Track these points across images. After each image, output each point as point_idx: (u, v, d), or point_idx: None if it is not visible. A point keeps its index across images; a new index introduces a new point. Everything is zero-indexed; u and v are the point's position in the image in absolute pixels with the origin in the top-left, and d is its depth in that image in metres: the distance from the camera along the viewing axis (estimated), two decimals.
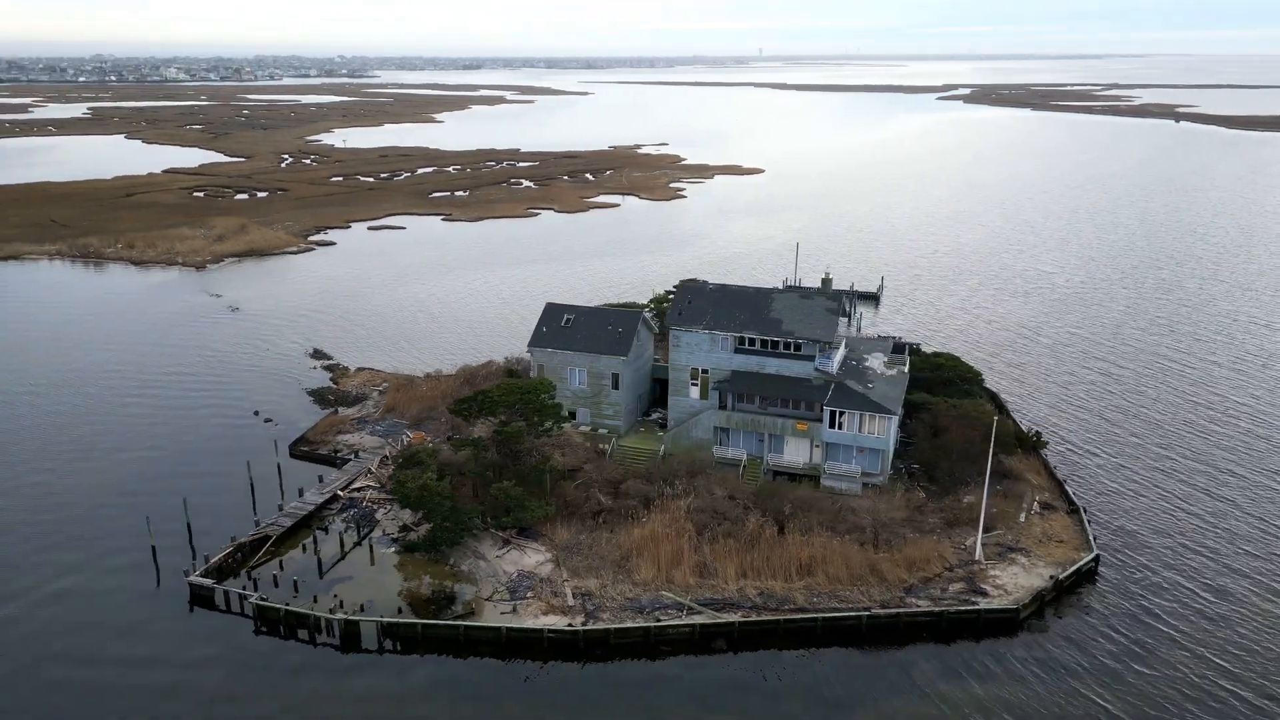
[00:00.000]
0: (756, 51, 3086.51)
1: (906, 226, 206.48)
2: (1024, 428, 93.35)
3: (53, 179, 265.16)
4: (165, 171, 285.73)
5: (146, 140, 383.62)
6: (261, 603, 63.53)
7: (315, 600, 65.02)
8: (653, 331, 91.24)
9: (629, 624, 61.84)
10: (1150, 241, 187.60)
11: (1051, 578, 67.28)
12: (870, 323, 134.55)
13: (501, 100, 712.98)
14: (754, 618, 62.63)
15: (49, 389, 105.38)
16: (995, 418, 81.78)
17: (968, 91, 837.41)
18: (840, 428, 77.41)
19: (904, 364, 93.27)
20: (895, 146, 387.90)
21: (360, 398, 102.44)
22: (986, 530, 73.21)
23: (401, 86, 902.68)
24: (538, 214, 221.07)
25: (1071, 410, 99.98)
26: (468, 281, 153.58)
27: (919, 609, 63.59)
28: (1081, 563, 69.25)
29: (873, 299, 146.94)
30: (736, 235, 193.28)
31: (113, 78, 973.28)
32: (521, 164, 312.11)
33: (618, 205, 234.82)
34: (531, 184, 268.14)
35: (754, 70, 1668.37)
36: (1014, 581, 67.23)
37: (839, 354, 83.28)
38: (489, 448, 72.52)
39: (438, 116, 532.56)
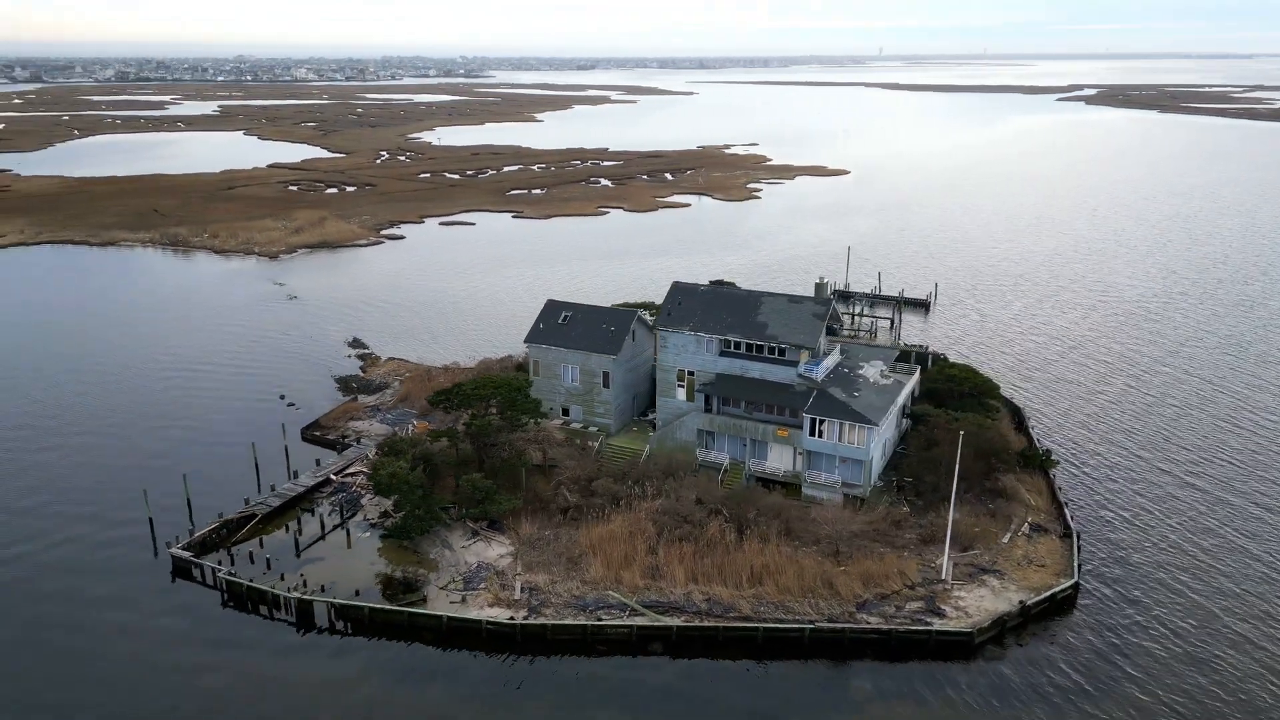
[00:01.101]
0: (876, 51, 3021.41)
1: (981, 232, 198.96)
2: (1041, 446, 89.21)
3: (167, 172, 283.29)
4: (270, 166, 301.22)
5: (261, 137, 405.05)
6: (229, 578, 66.85)
7: (282, 578, 68.03)
8: (653, 332, 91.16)
9: (568, 621, 62.29)
10: (1245, 254, 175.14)
11: (1020, 603, 64.22)
12: (917, 330, 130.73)
13: (606, 100, 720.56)
14: (694, 623, 62.11)
15: (98, 363, 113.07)
16: (991, 432, 78.66)
17: (1093, 92, 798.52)
18: (820, 436, 75.72)
19: (912, 373, 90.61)
20: (997, 149, 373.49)
21: (382, 386, 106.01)
22: (964, 550, 70.53)
23: (513, 86, 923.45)
24: (607, 213, 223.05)
25: (1102, 432, 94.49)
26: (517, 277, 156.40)
27: (867, 626, 61.74)
28: (1057, 589, 65.80)
29: (923, 306, 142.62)
30: (797, 238, 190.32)
31: (249, 78, 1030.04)
32: (606, 163, 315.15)
33: (689, 205, 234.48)
34: (609, 183, 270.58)
35: (871, 70, 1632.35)
36: (978, 604, 64.45)
37: (830, 360, 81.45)
38: (462, 439, 74.15)
39: (539, 116, 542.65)
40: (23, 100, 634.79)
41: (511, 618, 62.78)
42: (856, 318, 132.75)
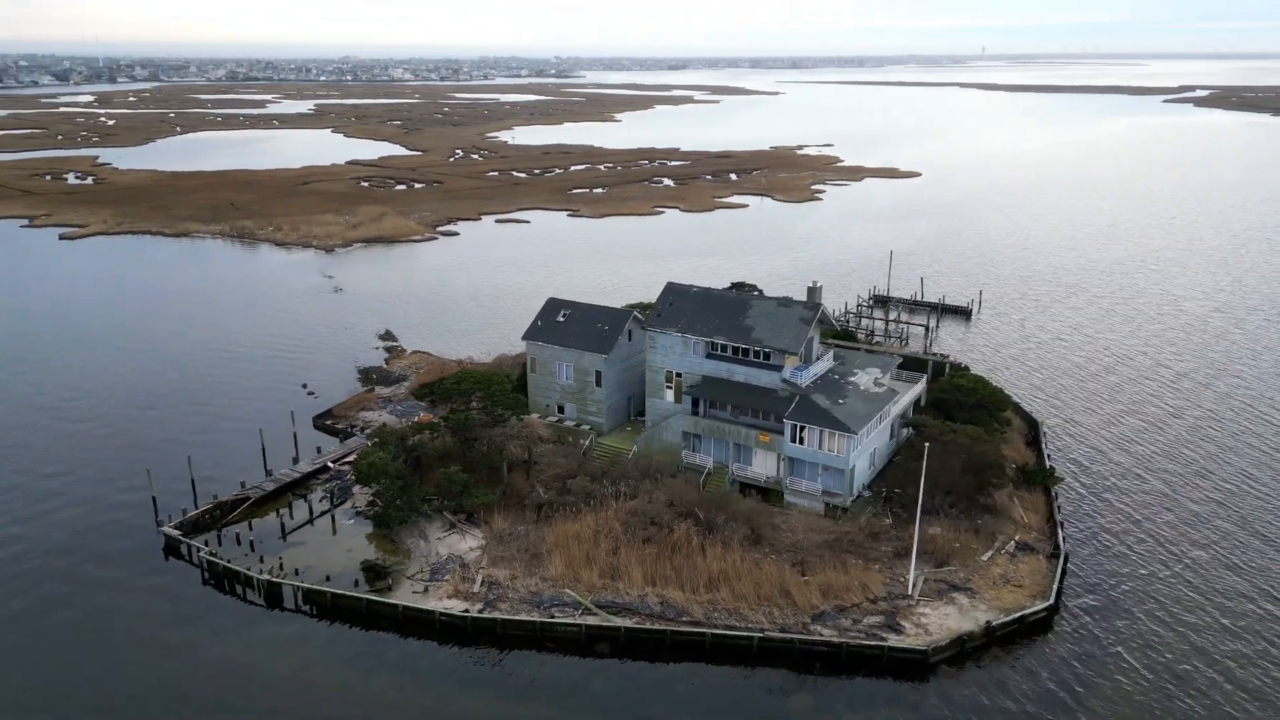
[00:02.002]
0: (979, 50, 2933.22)
1: (1045, 238, 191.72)
2: (1050, 463, 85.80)
3: (250, 167, 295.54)
4: (348, 162, 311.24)
5: (347, 135, 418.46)
6: (209, 557, 69.69)
7: (261, 560, 70.58)
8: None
9: (520, 616, 62.84)
10: None
11: (986, 624, 61.91)
12: (956, 338, 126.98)
13: (689, 100, 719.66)
14: (644, 625, 61.87)
15: (142, 345, 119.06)
16: (986, 446, 76.03)
17: (1204, 94, 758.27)
18: (802, 443, 74.38)
19: (915, 382, 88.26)
20: (1085, 152, 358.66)
21: (400, 378, 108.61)
22: (939, 565, 68.39)
23: (600, 86, 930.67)
24: (662, 212, 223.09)
25: (1124, 457, 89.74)
26: (555, 275, 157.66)
27: (817, 638, 60.47)
28: (1029, 611, 63.18)
29: (963, 314, 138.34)
30: (848, 241, 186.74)
31: (349, 77, 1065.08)
32: (674, 163, 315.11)
33: (746, 206, 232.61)
34: (671, 183, 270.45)
35: (970, 70, 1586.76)
36: (940, 622, 62.40)
37: (820, 366, 79.92)
38: (441, 433, 75.52)
39: (618, 116, 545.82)
40: (137, 98, 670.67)
41: (466, 610, 63.68)
42: (890, 324, 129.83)
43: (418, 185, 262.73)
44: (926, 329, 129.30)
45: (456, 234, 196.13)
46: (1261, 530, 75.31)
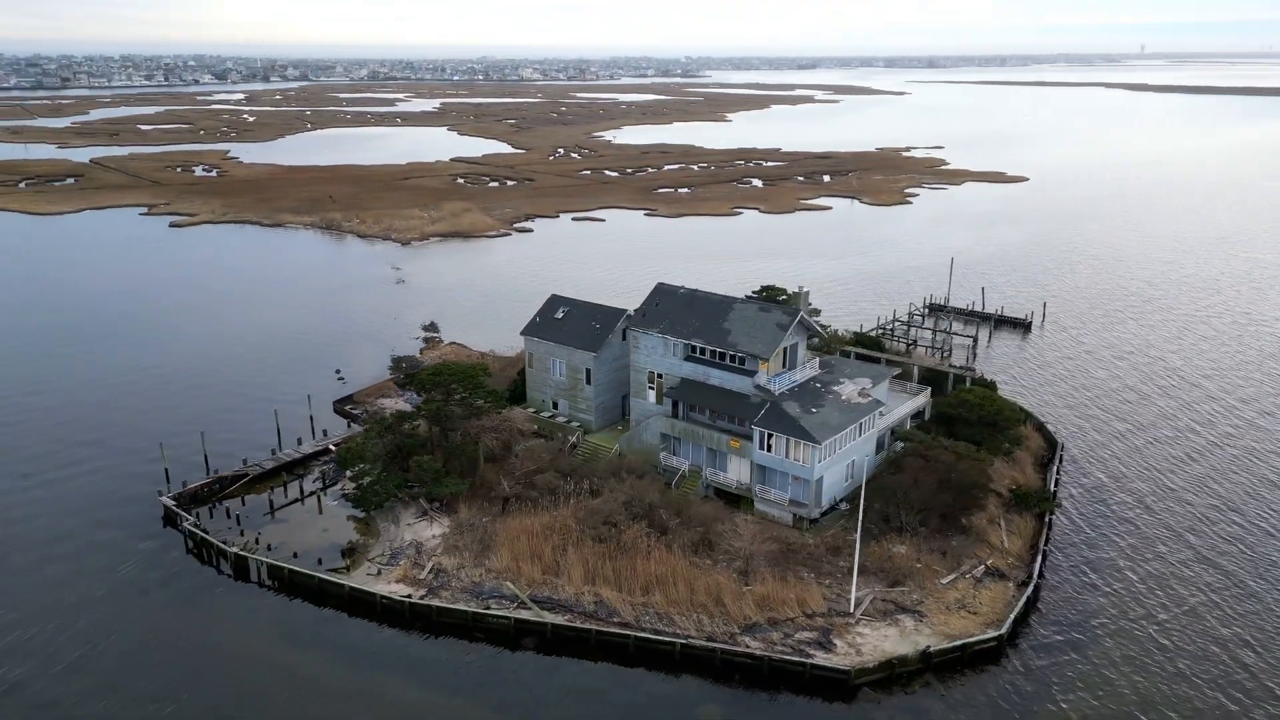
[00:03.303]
0: (1137, 49, 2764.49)
1: (1139, 250, 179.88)
2: (1055, 487, 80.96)
3: (360, 162, 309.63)
4: (452, 159, 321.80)
5: (461, 133, 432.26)
6: (192, 528, 74.03)
7: (242, 534, 74.60)
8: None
9: (456, 605, 64.12)
10: None
11: (923, 649, 59.12)
12: (1010, 350, 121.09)
13: (808, 100, 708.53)
14: (570, 623, 62.08)
15: (196, 328, 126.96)
16: (968, 464, 72.56)
17: None
18: (770, 450, 72.78)
19: (915, 394, 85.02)
20: (1224, 158, 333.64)
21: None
22: (892, 585, 65.71)
23: (722, 86, 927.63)
24: (741, 213, 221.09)
25: (1141, 484, 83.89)
26: (609, 272, 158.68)
27: (741, 649, 59.19)
28: (974, 640, 59.96)
29: (1022, 326, 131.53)
30: (922, 247, 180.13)
31: (480, 77, 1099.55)
32: (770, 164, 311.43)
33: (829, 209, 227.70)
34: (760, 183, 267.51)
35: (1124, 69, 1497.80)
36: (876, 644, 60.02)
37: (800, 373, 77.88)
38: (417, 422, 77.70)
39: (730, 116, 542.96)
40: (282, 97, 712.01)
41: (409, 595, 65.50)
42: (938, 334, 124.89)
43: (510, 182, 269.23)
44: (975, 340, 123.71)
45: (530, 230, 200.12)
46: (1261, 592, 67.35)
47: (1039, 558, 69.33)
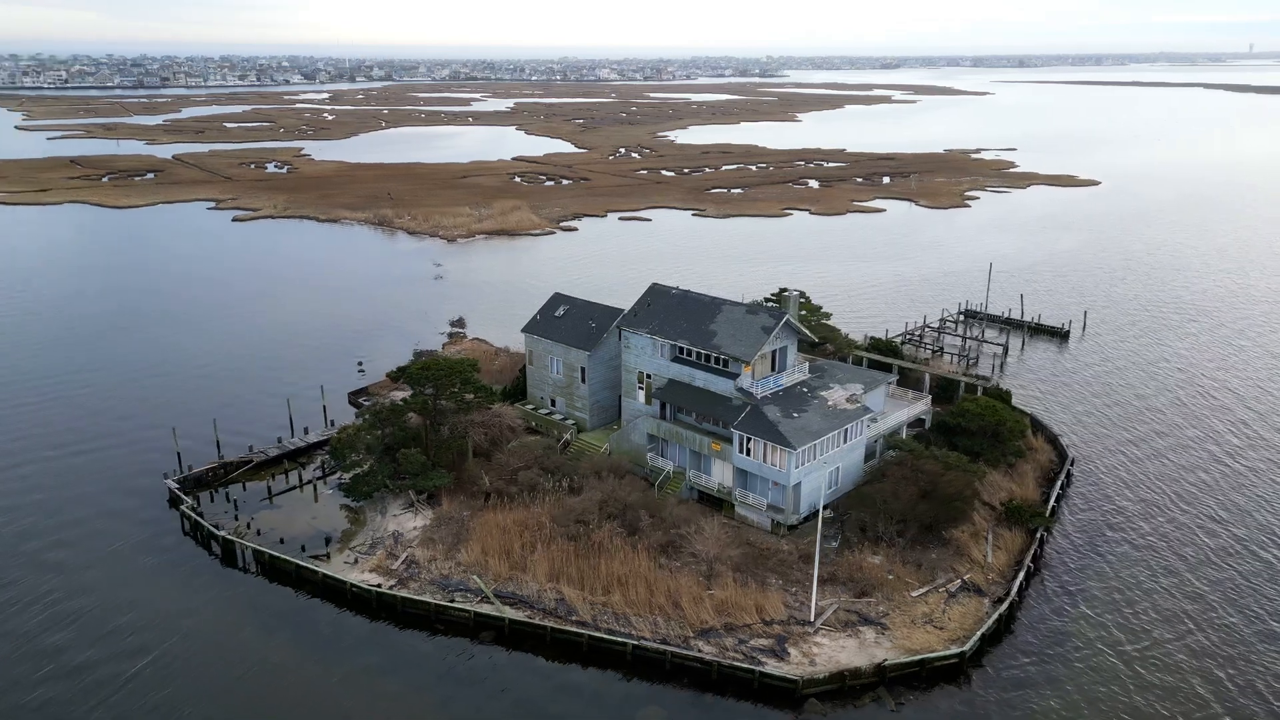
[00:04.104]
0: (1245, 48, 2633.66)
1: (1199, 258, 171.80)
2: (1055, 502, 78.00)
3: (424, 160, 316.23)
4: (513, 159, 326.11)
5: (528, 132, 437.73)
6: (187, 511, 76.87)
7: (236, 519, 77.24)
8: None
9: (420, 597, 65.13)
10: None
11: (879, 662, 57.71)
12: (1045, 360, 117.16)
13: (885, 100, 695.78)
14: (528, 619, 62.47)
15: (234, 317, 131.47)
16: (953, 476, 70.62)
17: None
18: (749, 454, 71.95)
19: (914, 401, 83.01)
20: None
21: None
22: (859, 595, 64.32)
23: (799, 86, 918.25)
24: (790, 214, 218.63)
25: (1148, 505, 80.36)
26: (640, 271, 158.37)
27: (692, 653, 58.69)
28: (933, 655, 58.27)
29: (1059, 336, 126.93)
30: (968, 251, 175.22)
31: (558, 77, 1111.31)
32: (831, 164, 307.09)
33: (883, 211, 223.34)
34: (816, 184, 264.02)
35: (1229, 69, 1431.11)
36: (831, 654, 58.85)
37: (787, 377, 76.70)
38: (407, 416, 79.11)
39: (800, 116, 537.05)
40: (364, 96, 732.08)
41: (379, 585, 66.84)
42: (967, 341, 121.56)
43: (565, 181, 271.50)
44: (1004, 349, 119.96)
45: (575, 229, 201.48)
46: (1261, 657, 62.97)
47: (1021, 575, 66.93)
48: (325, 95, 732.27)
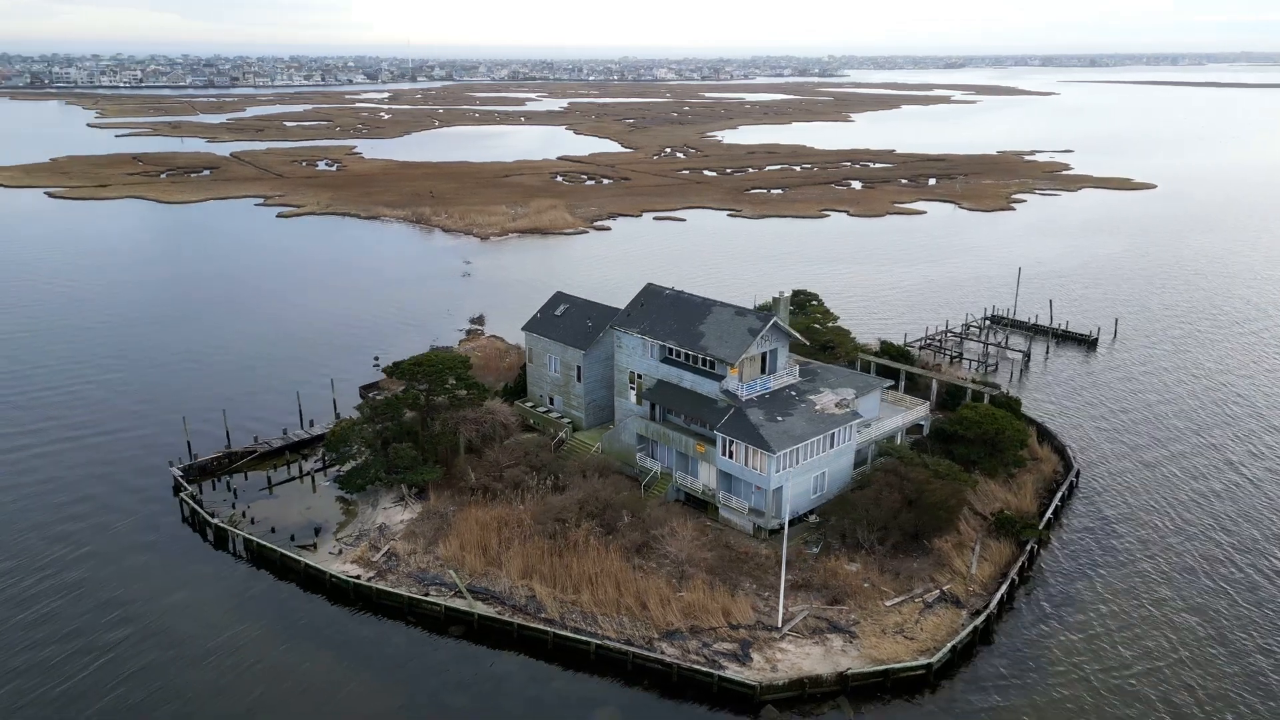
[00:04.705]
0: None
1: (1247, 266, 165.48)
2: (1052, 514, 75.83)
3: (470, 159, 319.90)
4: (559, 158, 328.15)
5: (578, 132, 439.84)
6: (186, 498, 79.03)
7: (233, 507, 79.25)
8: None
9: (395, 589, 65.96)
10: None
11: (842, 671, 56.78)
12: (1073, 368, 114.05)
13: (944, 100, 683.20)
14: (496, 615, 62.85)
15: (264, 310, 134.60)
16: (937, 485, 69.23)
17: None
18: (731, 457, 71.39)
19: (911, 407, 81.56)
20: None
21: None
22: (831, 602, 63.36)
23: (858, 86, 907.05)
24: (828, 216, 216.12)
25: (1153, 520, 77.70)
26: (660, 271, 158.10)
27: (654, 655, 58.44)
28: (899, 666, 57.12)
29: (1087, 343, 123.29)
30: (1005, 256, 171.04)
31: (615, 77, 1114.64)
32: (880, 165, 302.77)
33: (923, 213, 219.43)
34: (859, 185, 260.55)
35: None
36: (795, 661, 58.10)
37: (775, 380, 75.83)
38: (402, 411, 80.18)
39: (854, 116, 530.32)
40: (423, 95, 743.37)
41: (358, 576, 67.92)
42: (989, 347, 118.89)
43: (606, 181, 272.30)
44: (1027, 356, 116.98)
45: (608, 229, 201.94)
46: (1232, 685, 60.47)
47: (1004, 588, 65.20)
48: (385, 95, 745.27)
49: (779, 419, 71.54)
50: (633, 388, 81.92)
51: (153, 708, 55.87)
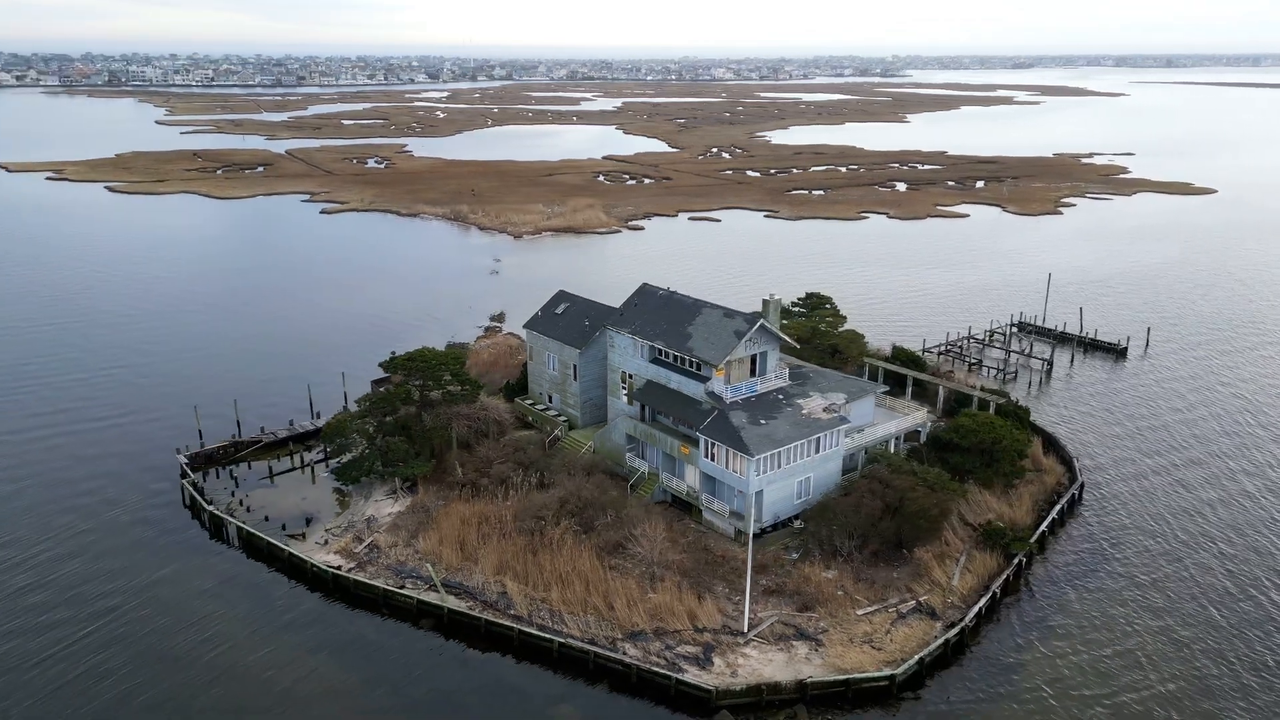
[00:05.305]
0: None
1: None
2: (1045, 527, 73.68)
3: (515, 158, 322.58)
4: (604, 157, 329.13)
5: (627, 131, 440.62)
6: (188, 485, 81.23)
7: (233, 495, 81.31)
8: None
9: (372, 581, 66.89)
10: None
11: (801, 679, 55.97)
12: (1097, 378, 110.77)
13: (1006, 101, 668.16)
14: (466, 610, 63.33)
15: (290, 305, 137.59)
16: (919, 494, 67.91)
17: None
18: (713, 459, 70.87)
19: (910, 415, 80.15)
20: None
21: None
22: (802, 609, 62.54)
23: (918, 86, 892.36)
24: (866, 218, 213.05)
25: (1157, 546, 75.01)
26: (688, 271, 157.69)
27: (616, 656, 58.31)
28: (859, 676, 56.11)
29: (1115, 352, 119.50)
30: (1045, 261, 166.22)
31: (673, 77, 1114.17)
32: (928, 167, 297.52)
33: (966, 216, 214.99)
34: (904, 187, 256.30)
35: None
36: (757, 667, 57.46)
37: (763, 383, 75.00)
38: (396, 406, 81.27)
39: (910, 117, 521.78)
40: (480, 95, 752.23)
41: (338, 567, 69.07)
42: (1011, 354, 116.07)
43: (647, 180, 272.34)
44: (1049, 364, 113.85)
45: (641, 229, 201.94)
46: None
47: (984, 601, 63.57)
48: (444, 94, 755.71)
49: (762, 422, 70.79)
50: (624, 387, 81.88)
51: (108, 677, 58.02)
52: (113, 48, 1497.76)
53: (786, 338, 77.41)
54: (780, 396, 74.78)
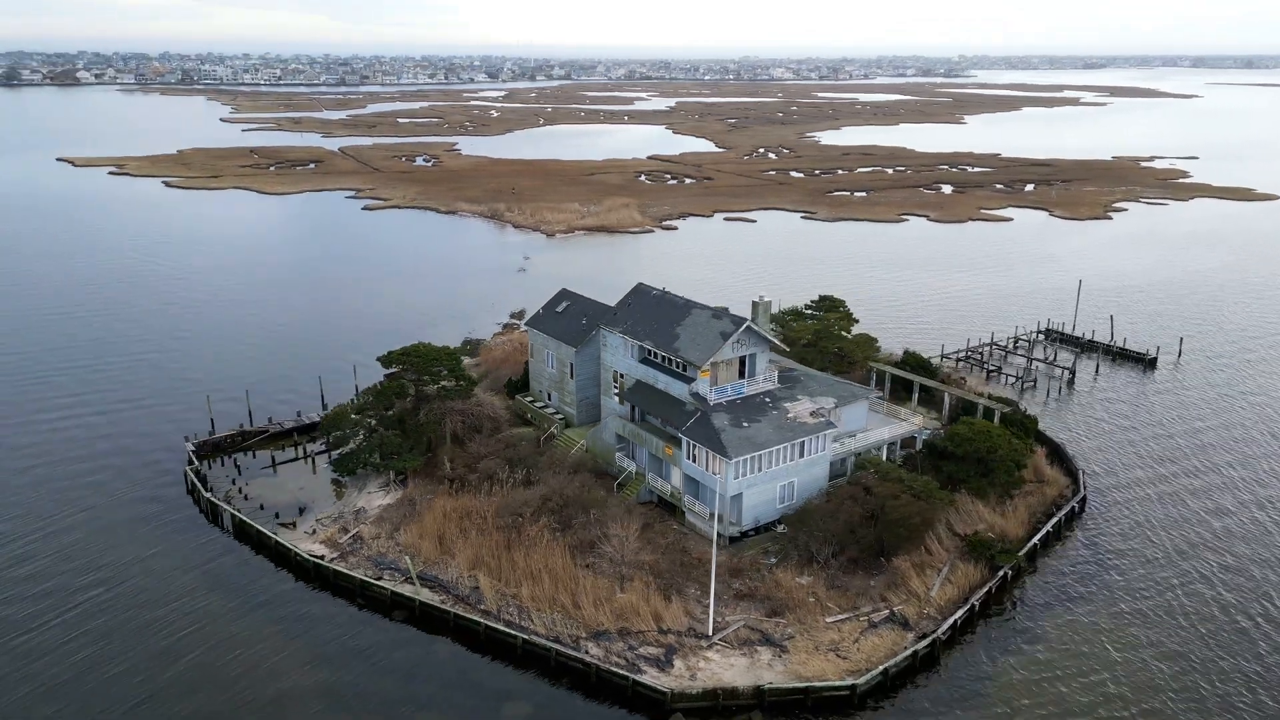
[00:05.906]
0: None
1: None
2: (1039, 540, 71.51)
3: (561, 157, 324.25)
4: (648, 157, 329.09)
5: (676, 131, 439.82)
6: (191, 472, 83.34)
7: (233, 483, 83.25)
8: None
9: (350, 571, 67.85)
10: None
11: (759, 685, 55.23)
12: (1113, 386, 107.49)
13: (1072, 103, 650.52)
14: (436, 603, 63.86)
15: (317, 298, 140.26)
16: (902, 502, 66.56)
17: None
18: (694, 461, 70.33)
19: (904, 421, 78.58)
20: None
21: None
22: (771, 614, 61.72)
23: (981, 86, 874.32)
24: (906, 220, 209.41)
25: (1155, 563, 72.33)
26: (711, 271, 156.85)
27: (576, 655, 58.23)
28: (818, 685, 55.15)
29: (1144, 362, 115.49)
30: (1086, 266, 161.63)
31: (731, 77, 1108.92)
32: (979, 169, 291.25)
33: (1009, 220, 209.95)
34: (950, 189, 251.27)
35: None
36: (716, 671, 56.88)
37: (751, 385, 74.13)
38: (391, 400, 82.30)
39: (967, 118, 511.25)
40: (536, 94, 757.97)
41: (321, 557, 70.21)
42: (1032, 361, 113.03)
43: (688, 180, 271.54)
44: (1071, 373, 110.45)
45: (675, 229, 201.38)
46: None
47: (961, 613, 61.94)
48: (502, 93, 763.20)
49: (745, 425, 70.02)
50: (615, 387, 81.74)
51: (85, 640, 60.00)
52: (190, 47, 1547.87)
53: (775, 340, 76.44)
54: (767, 399, 73.86)
